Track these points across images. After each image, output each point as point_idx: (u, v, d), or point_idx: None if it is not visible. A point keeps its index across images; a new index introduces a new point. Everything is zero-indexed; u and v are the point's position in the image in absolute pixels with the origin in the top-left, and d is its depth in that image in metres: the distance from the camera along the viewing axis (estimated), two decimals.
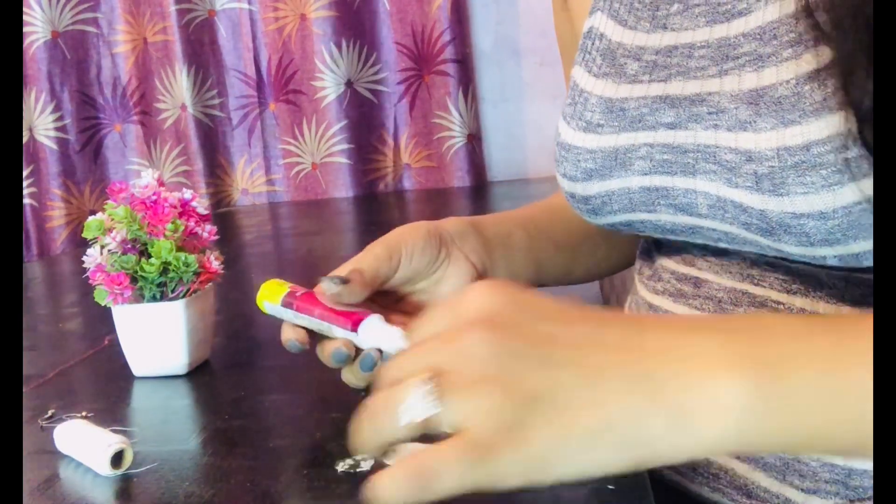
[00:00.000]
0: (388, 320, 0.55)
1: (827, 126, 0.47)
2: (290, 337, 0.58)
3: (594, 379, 0.35)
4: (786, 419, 0.34)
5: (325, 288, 0.55)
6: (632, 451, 0.34)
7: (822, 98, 0.47)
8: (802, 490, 0.55)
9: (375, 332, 0.54)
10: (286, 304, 0.58)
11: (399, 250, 0.60)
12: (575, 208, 0.65)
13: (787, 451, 0.40)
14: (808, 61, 0.48)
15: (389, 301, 0.62)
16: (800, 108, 0.48)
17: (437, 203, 1.70)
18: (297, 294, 0.58)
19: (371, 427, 0.36)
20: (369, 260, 0.58)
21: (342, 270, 0.57)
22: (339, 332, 0.55)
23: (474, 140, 1.81)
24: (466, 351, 0.36)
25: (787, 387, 0.34)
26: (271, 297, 0.59)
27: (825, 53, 0.47)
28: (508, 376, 0.35)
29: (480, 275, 0.64)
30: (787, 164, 0.48)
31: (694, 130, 0.55)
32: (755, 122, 0.50)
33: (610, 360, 0.35)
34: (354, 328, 0.54)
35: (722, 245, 0.58)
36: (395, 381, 0.37)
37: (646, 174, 0.58)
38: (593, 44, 0.65)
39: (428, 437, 0.36)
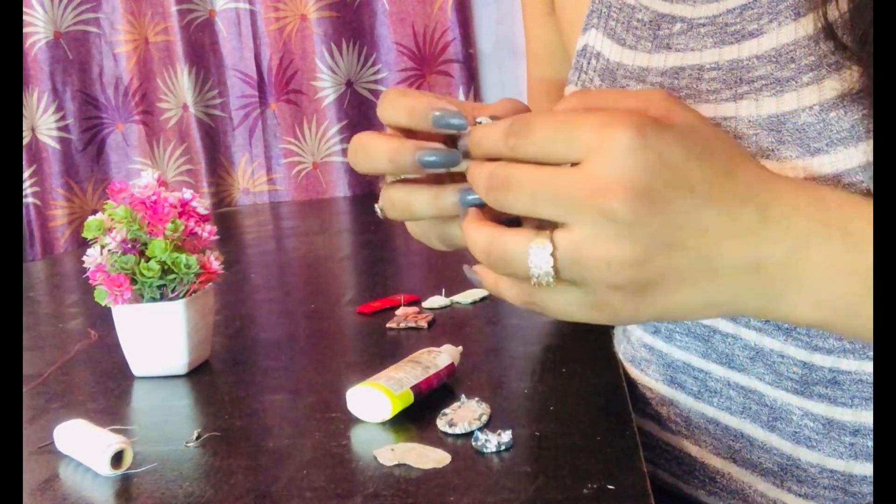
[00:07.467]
0: None
1: (856, 154, 0.45)
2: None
3: (711, 268, 0.37)
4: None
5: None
6: (719, 314, 0.39)
7: (850, 125, 0.46)
8: (801, 496, 0.54)
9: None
10: None
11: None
12: None
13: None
14: (832, 87, 0.47)
15: None
16: (826, 136, 0.47)
17: None
18: None
19: (500, 267, 0.38)
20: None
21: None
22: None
23: None
24: (603, 217, 0.35)
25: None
26: None
27: (848, 77, 0.46)
28: (639, 255, 0.36)
29: None
30: None
31: None
32: (778, 150, 0.49)
33: (728, 250, 0.37)
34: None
35: None
36: (521, 203, 0.37)
37: None
38: (589, 63, 0.63)
39: None
